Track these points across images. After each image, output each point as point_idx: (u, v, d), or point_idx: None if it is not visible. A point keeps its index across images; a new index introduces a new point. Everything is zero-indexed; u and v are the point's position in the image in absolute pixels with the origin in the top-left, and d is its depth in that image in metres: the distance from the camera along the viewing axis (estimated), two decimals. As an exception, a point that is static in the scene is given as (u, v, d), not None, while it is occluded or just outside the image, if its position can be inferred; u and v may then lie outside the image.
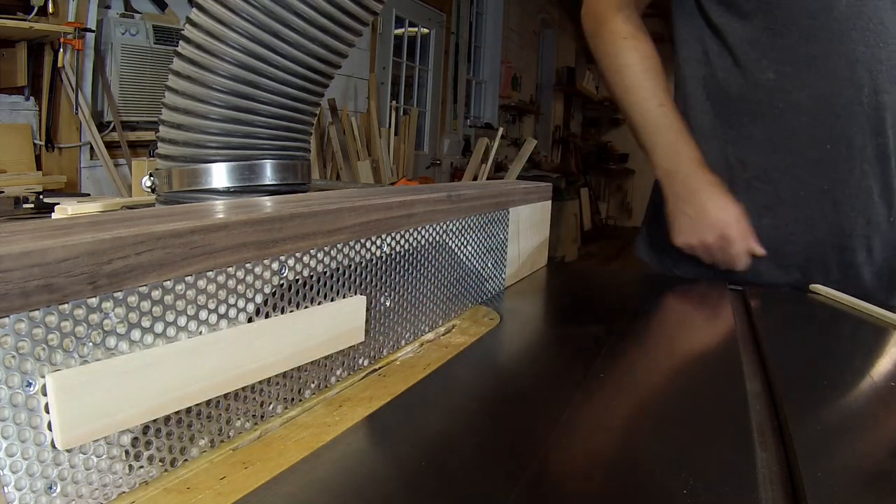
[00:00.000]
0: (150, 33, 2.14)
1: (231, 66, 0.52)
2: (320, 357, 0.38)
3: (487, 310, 0.60)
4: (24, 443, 0.23)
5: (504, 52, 5.60)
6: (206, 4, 0.51)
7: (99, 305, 0.25)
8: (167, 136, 0.56)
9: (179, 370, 0.28)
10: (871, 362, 0.50)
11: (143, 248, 0.26)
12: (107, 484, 0.26)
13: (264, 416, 0.35)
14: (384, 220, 0.43)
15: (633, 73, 0.87)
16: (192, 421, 0.30)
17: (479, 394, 0.41)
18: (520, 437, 0.34)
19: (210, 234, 0.29)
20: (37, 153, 1.98)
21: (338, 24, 0.54)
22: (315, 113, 0.61)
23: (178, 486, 0.28)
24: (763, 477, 0.32)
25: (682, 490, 0.29)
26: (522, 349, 0.53)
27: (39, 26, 1.79)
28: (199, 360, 0.29)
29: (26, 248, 0.22)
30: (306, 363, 0.37)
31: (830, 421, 0.38)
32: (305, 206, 0.36)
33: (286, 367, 0.35)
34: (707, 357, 0.50)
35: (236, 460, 0.31)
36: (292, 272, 0.35)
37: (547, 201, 0.80)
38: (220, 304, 0.31)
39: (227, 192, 0.55)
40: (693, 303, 0.72)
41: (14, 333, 0.22)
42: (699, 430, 0.37)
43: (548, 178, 4.96)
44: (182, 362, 0.28)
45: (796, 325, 0.64)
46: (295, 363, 0.36)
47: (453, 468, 0.31)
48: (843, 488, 0.30)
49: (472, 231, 0.58)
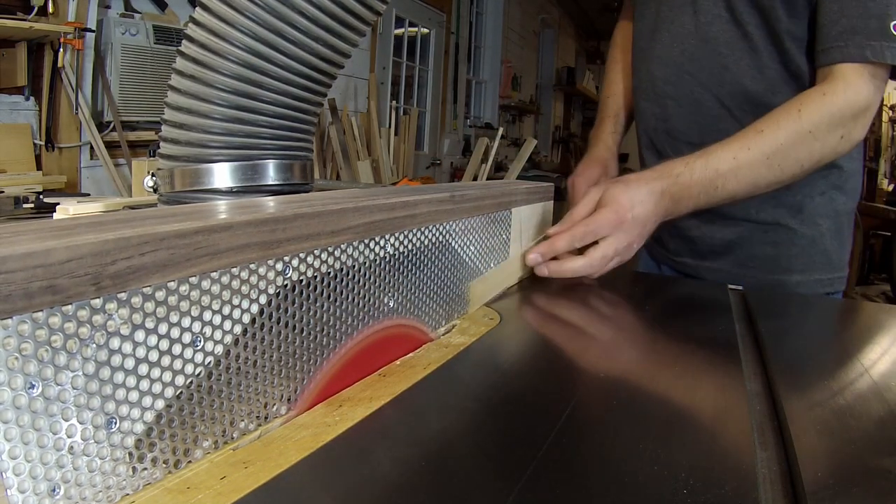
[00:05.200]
0: (150, 33, 2.14)
1: (235, 65, 0.52)
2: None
3: (487, 310, 0.60)
4: (27, 445, 0.23)
5: (504, 52, 5.60)
6: (211, 4, 0.52)
7: (102, 307, 0.25)
8: (170, 136, 0.56)
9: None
10: (872, 362, 0.50)
11: (147, 248, 0.26)
12: (110, 486, 0.26)
13: (268, 417, 0.35)
14: (387, 221, 0.43)
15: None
16: (196, 423, 0.30)
17: (479, 394, 0.41)
18: (520, 437, 0.34)
19: (214, 234, 0.29)
20: (37, 153, 1.98)
21: (342, 24, 0.54)
22: (318, 113, 0.61)
23: (179, 486, 0.28)
24: (763, 477, 0.32)
25: (683, 490, 0.29)
26: (522, 349, 0.53)
27: (39, 26, 1.79)
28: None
29: (29, 249, 0.22)
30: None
31: (830, 421, 0.38)
32: (309, 207, 0.36)
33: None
34: (707, 357, 0.50)
35: (236, 460, 0.31)
36: (296, 273, 0.35)
37: (549, 201, 0.80)
38: (223, 305, 0.31)
39: (229, 193, 0.55)
40: (693, 303, 0.72)
41: (17, 335, 0.22)
42: (699, 430, 0.37)
43: (548, 177, 4.96)
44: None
45: (796, 325, 0.64)
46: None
47: (453, 468, 0.31)
48: (843, 488, 0.30)
49: (475, 231, 0.58)
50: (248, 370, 0.33)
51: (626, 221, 0.69)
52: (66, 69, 1.95)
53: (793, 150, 0.72)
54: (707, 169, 0.72)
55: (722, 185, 0.73)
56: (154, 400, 0.28)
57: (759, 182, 0.73)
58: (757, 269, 0.88)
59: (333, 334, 0.39)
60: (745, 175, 0.72)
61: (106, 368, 0.25)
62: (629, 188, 0.70)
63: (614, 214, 0.69)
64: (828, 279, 0.87)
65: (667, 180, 0.72)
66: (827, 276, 0.87)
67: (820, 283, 0.86)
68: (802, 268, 0.86)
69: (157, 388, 0.28)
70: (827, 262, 0.87)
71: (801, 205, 0.85)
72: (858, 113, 0.73)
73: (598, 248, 0.68)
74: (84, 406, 0.25)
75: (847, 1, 0.71)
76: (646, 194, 0.71)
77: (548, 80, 6.85)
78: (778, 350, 0.52)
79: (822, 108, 0.71)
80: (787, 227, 0.86)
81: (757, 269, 0.88)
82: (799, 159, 0.73)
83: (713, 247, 0.91)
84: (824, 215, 0.86)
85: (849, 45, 0.71)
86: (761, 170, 0.72)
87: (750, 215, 0.87)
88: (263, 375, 0.34)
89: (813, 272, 0.86)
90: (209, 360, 0.30)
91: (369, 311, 0.43)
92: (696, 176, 0.72)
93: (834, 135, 0.73)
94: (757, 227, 0.87)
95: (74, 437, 0.25)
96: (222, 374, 0.31)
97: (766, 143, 0.72)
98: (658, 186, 0.72)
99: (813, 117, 0.71)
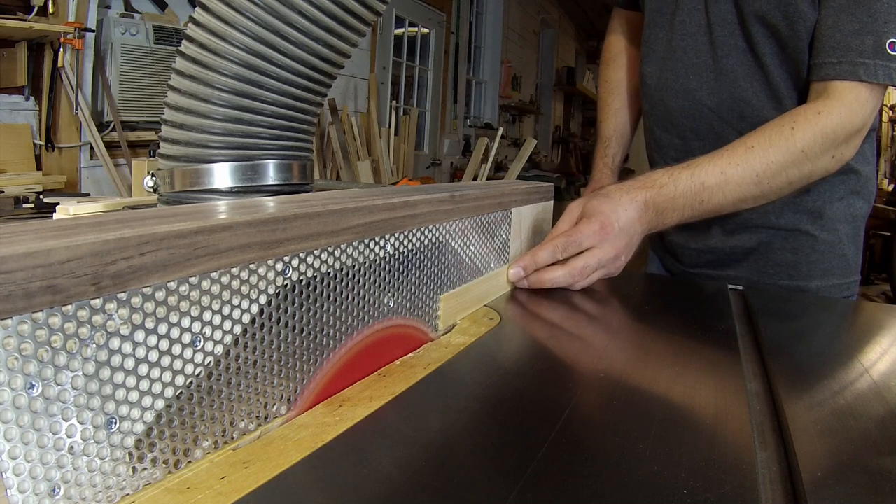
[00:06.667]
0: (150, 33, 2.14)
1: (235, 65, 0.52)
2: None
3: (487, 310, 0.60)
4: (27, 445, 0.23)
5: (504, 52, 5.60)
6: (210, 4, 0.52)
7: (102, 307, 0.25)
8: (169, 136, 0.56)
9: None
10: (872, 362, 0.50)
11: (147, 248, 0.26)
12: (110, 486, 0.26)
13: (268, 417, 0.35)
14: (387, 221, 0.43)
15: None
16: (196, 423, 0.30)
17: (479, 394, 0.41)
18: (520, 437, 0.34)
19: (214, 234, 0.29)
20: (37, 153, 1.99)
21: (342, 24, 0.54)
22: (318, 113, 0.61)
23: (179, 486, 0.28)
24: (763, 477, 0.32)
25: (682, 490, 0.29)
26: (522, 349, 0.53)
27: (39, 26, 1.79)
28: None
29: (30, 249, 0.22)
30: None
31: (830, 421, 0.38)
32: (309, 207, 0.36)
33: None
34: (707, 357, 0.50)
35: (236, 460, 0.31)
36: (296, 273, 0.35)
37: (549, 201, 0.80)
38: (223, 305, 0.31)
39: (229, 193, 0.55)
40: (693, 303, 0.72)
41: (17, 335, 0.22)
42: (699, 430, 0.37)
43: (548, 177, 4.97)
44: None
45: (796, 325, 0.64)
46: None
47: (453, 468, 0.31)
48: (843, 488, 0.30)
49: (475, 231, 0.58)
50: (247, 370, 0.33)
51: (610, 231, 0.66)
52: (66, 69, 1.95)
53: (784, 169, 0.70)
54: (693, 181, 0.70)
55: (708, 198, 0.71)
56: (154, 400, 0.28)
57: (746, 197, 0.72)
58: (777, 276, 0.86)
59: (333, 334, 0.39)
60: (733, 191, 0.70)
61: (106, 368, 0.25)
62: (611, 198, 0.68)
63: (598, 225, 0.66)
64: (845, 283, 0.86)
65: (650, 190, 0.70)
66: (844, 281, 0.86)
67: (838, 287, 0.86)
68: (822, 273, 0.85)
69: (157, 388, 0.28)
70: (845, 266, 0.86)
71: (821, 210, 0.84)
72: (852, 134, 0.71)
73: (580, 258, 0.66)
74: (84, 406, 0.25)
75: (842, 15, 0.69)
76: (628, 203, 0.68)
77: (548, 79, 6.86)
78: (778, 350, 0.52)
79: (816, 127, 0.69)
80: (807, 233, 0.84)
81: (777, 275, 0.86)
82: (789, 177, 0.71)
83: (733, 255, 0.89)
84: (843, 220, 0.85)
85: (842, 61, 0.69)
86: (750, 187, 0.70)
87: (770, 221, 0.85)
88: (263, 375, 0.34)
89: (832, 277, 0.85)
90: (209, 360, 0.30)
91: (369, 311, 0.43)
92: (682, 188, 0.70)
93: (826, 155, 0.71)
94: (777, 233, 0.85)
95: (74, 438, 0.25)
96: (222, 374, 0.31)
97: (756, 161, 0.70)
98: (641, 196, 0.69)
99: (806, 137, 0.69)
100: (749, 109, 0.81)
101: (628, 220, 0.68)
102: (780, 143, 0.70)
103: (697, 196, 0.70)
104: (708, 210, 0.72)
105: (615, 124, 1.05)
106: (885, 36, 0.67)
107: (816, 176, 0.73)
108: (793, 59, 0.76)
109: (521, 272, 0.67)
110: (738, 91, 0.81)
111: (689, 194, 0.70)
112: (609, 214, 0.67)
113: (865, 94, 0.70)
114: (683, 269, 0.97)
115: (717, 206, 0.71)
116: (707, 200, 0.71)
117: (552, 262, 0.67)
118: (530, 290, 0.68)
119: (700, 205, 0.71)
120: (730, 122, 0.83)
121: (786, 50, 0.76)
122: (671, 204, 0.70)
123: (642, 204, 0.69)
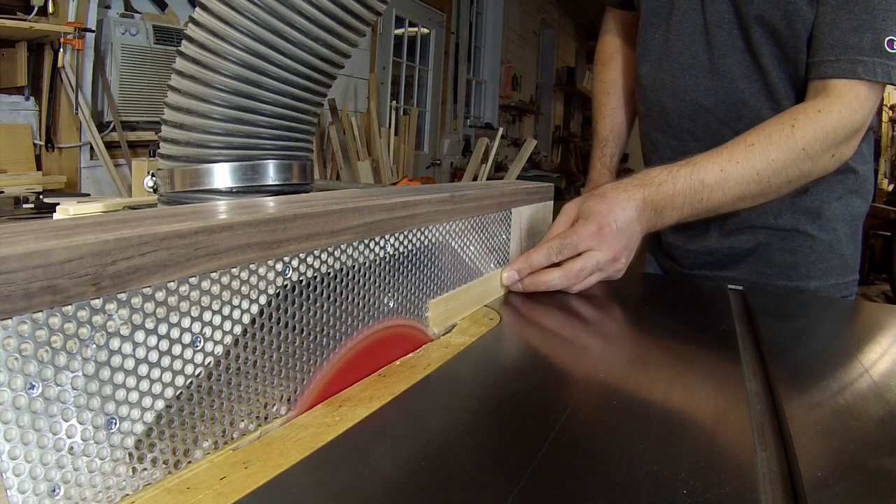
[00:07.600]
0: (150, 33, 2.14)
1: (234, 65, 0.52)
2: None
3: (487, 310, 0.60)
4: (27, 446, 0.23)
5: (504, 52, 5.61)
6: (210, 4, 0.52)
7: (102, 307, 0.25)
8: (169, 136, 0.56)
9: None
10: (872, 362, 0.50)
11: (147, 248, 0.26)
12: (110, 487, 0.26)
13: (268, 417, 0.35)
14: (388, 221, 0.43)
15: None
16: (196, 423, 0.30)
17: (479, 394, 0.41)
18: (520, 437, 0.34)
19: (214, 234, 0.29)
20: (37, 153, 1.99)
21: (341, 24, 0.54)
22: (318, 113, 0.61)
23: (179, 486, 0.28)
24: (763, 477, 0.32)
25: (682, 490, 0.29)
26: (522, 349, 0.53)
27: (39, 26, 1.79)
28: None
29: (30, 249, 0.22)
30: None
31: (830, 421, 0.38)
32: (309, 207, 0.36)
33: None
34: (707, 357, 0.50)
35: (236, 460, 0.31)
36: (296, 273, 0.35)
37: (549, 202, 0.80)
38: (223, 306, 0.31)
39: (229, 193, 0.55)
40: (693, 303, 0.72)
41: (17, 335, 0.22)
42: (699, 430, 0.37)
43: (548, 177, 4.97)
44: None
45: (796, 325, 0.64)
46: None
47: (453, 468, 0.31)
48: (843, 488, 0.30)
49: (475, 231, 0.58)
50: (247, 370, 0.33)
51: (608, 233, 0.64)
52: (66, 69, 1.95)
53: (784, 168, 0.69)
54: (692, 179, 0.69)
55: (707, 196, 0.69)
56: (154, 400, 0.28)
57: (745, 196, 0.71)
58: (776, 277, 0.86)
59: (333, 334, 0.39)
60: (732, 189, 0.69)
61: (106, 369, 0.25)
62: (607, 198, 0.67)
63: (594, 226, 0.64)
64: (843, 283, 0.86)
65: (648, 188, 0.68)
66: (843, 281, 0.86)
67: (836, 287, 0.85)
68: (821, 273, 0.84)
69: (157, 388, 0.28)
70: (843, 266, 0.85)
71: (820, 210, 0.84)
72: (852, 133, 0.71)
73: (577, 261, 0.64)
74: (84, 406, 0.25)
75: (840, 12, 0.69)
76: (626, 202, 0.66)
77: (548, 80, 6.86)
78: (778, 350, 0.52)
79: (817, 126, 0.69)
80: (805, 233, 0.84)
81: (776, 276, 0.86)
82: (789, 176, 0.70)
83: (731, 256, 0.89)
84: (841, 220, 0.84)
85: (841, 59, 0.69)
86: (750, 185, 0.69)
87: (768, 222, 0.85)
88: (263, 376, 0.34)
89: (830, 277, 0.85)
90: (209, 360, 0.30)
91: (369, 311, 0.43)
92: (681, 185, 0.69)
93: (826, 154, 0.71)
94: (775, 234, 0.85)
95: (74, 438, 0.25)
96: (222, 374, 0.31)
97: (756, 159, 0.69)
98: (639, 194, 0.67)
99: (807, 135, 0.69)
100: (746, 110, 0.81)
101: (626, 219, 0.66)
102: (780, 141, 0.69)
103: (697, 194, 0.69)
104: (707, 209, 0.71)
105: (612, 124, 1.05)
106: (884, 33, 0.67)
107: (815, 175, 0.73)
108: (791, 59, 0.76)
109: (515, 275, 0.65)
110: (736, 91, 0.81)
111: (689, 192, 0.69)
112: (606, 215, 0.65)
113: (864, 93, 0.70)
114: (681, 271, 0.97)
115: (716, 204, 0.70)
116: (706, 199, 0.70)
117: (547, 265, 0.66)
118: (530, 291, 0.68)
119: (699, 203, 0.70)
120: (727, 122, 0.82)
121: (784, 49, 0.76)
122: (670, 202, 0.69)
123: (640, 202, 0.68)
